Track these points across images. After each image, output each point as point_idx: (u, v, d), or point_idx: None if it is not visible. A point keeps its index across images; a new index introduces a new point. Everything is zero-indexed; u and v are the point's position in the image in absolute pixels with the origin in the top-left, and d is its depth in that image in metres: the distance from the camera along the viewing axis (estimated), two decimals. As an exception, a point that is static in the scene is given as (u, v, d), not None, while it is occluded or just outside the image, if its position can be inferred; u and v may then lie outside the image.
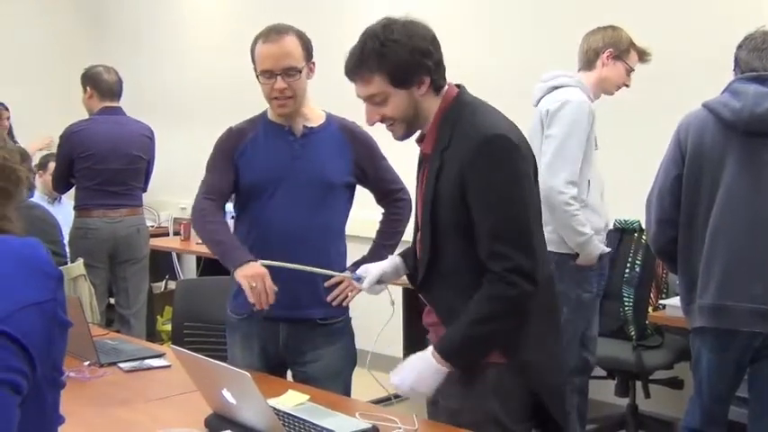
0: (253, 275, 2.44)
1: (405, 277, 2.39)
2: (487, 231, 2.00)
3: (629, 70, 3.44)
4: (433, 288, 2.16)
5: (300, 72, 2.55)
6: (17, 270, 1.12)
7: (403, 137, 2.14)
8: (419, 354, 2.10)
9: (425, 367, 2.06)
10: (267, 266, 2.47)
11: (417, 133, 2.17)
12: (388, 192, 2.79)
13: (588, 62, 3.43)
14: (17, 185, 1.21)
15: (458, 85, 2.15)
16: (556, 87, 3.39)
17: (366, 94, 2.07)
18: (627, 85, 3.46)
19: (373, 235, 2.81)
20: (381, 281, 2.34)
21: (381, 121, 2.11)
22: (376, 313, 2.47)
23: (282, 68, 2.52)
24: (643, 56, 3.46)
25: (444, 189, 2.05)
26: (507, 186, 2.01)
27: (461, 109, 2.09)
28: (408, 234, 2.89)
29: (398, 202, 2.80)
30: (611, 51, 3.38)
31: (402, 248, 2.45)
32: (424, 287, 2.18)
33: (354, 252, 2.74)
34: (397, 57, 2.00)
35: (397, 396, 2.48)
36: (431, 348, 2.07)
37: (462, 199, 2.02)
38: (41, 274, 1.14)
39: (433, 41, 2.07)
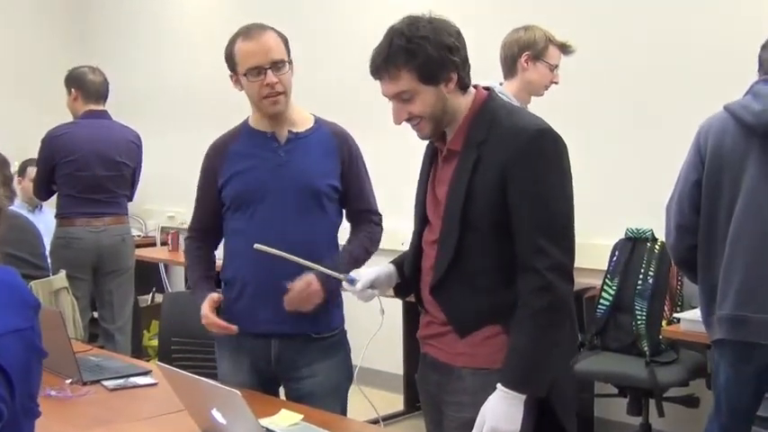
0: (207, 325, 2.61)
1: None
2: (533, 226, 2.05)
3: (553, 68, 3.38)
4: (448, 289, 2.16)
5: (289, 65, 2.56)
6: None
7: (429, 135, 2.18)
8: (491, 401, 2.04)
9: (506, 407, 2.03)
10: (260, 252, 2.42)
11: None
12: (365, 211, 2.75)
13: (509, 70, 3.38)
14: None
15: (486, 88, 2.21)
16: None
17: (394, 92, 2.11)
18: (555, 83, 3.40)
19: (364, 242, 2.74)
20: (373, 286, 2.34)
21: (408, 120, 2.15)
22: (366, 327, 2.45)
23: (271, 62, 2.53)
24: (564, 49, 3.39)
25: (481, 183, 2.08)
26: (557, 181, 2.08)
27: (496, 107, 2.16)
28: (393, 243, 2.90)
29: (375, 225, 2.76)
30: (528, 54, 3.32)
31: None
32: (437, 289, 2.17)
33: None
34: (425, 53, 2.05)
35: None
36: (499, 386, 2.03)
37: (501, 193, 2.06)
38: (21, 302, 1.18)
39: (459, 37, 2.12)
